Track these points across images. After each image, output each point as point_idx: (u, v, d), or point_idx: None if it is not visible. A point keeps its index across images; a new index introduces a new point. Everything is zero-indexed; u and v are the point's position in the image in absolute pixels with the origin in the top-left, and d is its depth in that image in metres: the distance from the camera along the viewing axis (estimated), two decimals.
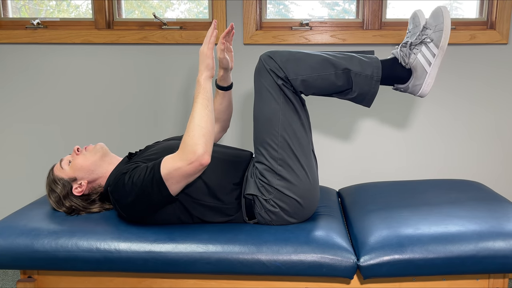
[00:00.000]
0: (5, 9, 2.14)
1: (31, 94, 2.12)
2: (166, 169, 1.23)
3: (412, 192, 1.59)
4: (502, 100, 2.01)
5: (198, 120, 1.24)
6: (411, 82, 1.38)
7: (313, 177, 1.37)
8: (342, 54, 1.37)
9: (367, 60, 1.35)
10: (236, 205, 1.38)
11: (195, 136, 1.22)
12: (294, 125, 1.35)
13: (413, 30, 1.41)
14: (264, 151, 1.35)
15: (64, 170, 1.45)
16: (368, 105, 1.39)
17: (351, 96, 1.37)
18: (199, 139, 1.21)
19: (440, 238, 1.24)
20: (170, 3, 2.13)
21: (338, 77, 1.33)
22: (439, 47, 1.35)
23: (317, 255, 1.23)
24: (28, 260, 1.29)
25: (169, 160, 1.24)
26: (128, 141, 2.13)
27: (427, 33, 1.36)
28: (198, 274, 1.32)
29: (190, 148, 1.21)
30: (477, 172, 2.07)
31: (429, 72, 1.36)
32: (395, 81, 1.41)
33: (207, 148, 1.22)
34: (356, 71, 1.33)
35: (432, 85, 1.38)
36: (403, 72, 1.38)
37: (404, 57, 1.36)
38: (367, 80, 1.34)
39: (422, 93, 1.39)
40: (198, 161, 1.20)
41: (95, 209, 1.47)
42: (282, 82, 1.33)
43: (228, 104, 1.63)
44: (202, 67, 1.31)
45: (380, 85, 1.37)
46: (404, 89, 1.41)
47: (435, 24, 1.34)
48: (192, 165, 1.21)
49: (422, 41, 1.36)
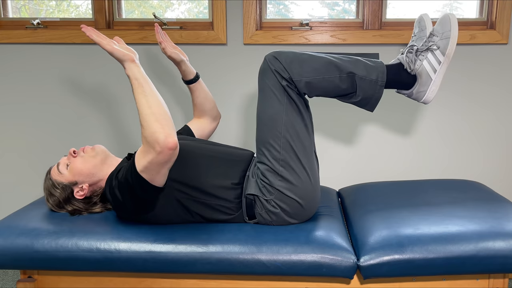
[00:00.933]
0: (5, 9, 2.14)
1: (30, 94, 2.12)
2: (140, 165, 1.22)
3: (412, 192, 1.59)
4: (502, 100, 2.01)
5: (143, 109, 1.21)
6: (415, 89, 1.38)
7: (314, 178, 1.37)
8: (348, 57, 1.37)
9: (372, 65, 1.35)
10: (237, 204, 1.38)
11: (150, 126, 1.18)
12: (297, 126, 1.34)
13: (419, 34, 1.41)
14: (266, 152, 1.35)
15: (63, 174, 1.43)
16: (371, 109, 1.39)
17: (355, 100, 1.37)
18: (154, 127, 1.18)
19: (440, 238, 1.24)
20: (170, 3, 2.13)
21: (342, 80, 1.33)
22: (445, 55, 1.34)
23: (317, 255, 1.23)
24: (28, 260, 1.28)
25: (140, 155, 1.23)
26: (127, 141, 2.13)
27: (434, 40, 1.35)
28: (198, 274, 1.32)
29: (150, 139, 1.18)
30: (477, 172, 2.07)
31: (434, 79, 1.36)
32: (400, 87, 1.40)
33: (166, 131, 1.18)
34: (361, 75, 1.33)
35: (436, 92, 1.37)
36: (408, 78, 1.38)
37: (409, 63, 1.36)
38: (371, 84, 1.34)
39: (425, 100, 1.39)
40: (164, 147, 1.17)
41: (97, 209, 1.47)
42: (287, 83, 1.32)
43: (205, 94, 1.65)
44: (120, 61, 1.29)
45: (385, 89, 1.37)
46: (408, 95, 1.41)
47: (442, 32, 1.34)
48: (161, 154, 1.18)
49: (428, 47, 1.35)
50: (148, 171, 1.22)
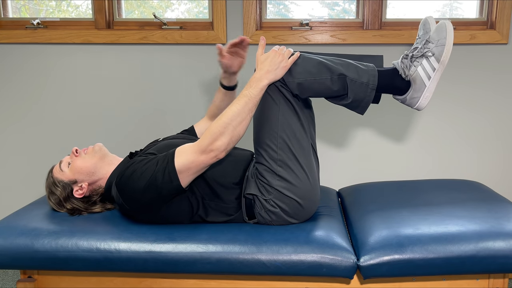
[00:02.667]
0: (5, 9, 2.14)
1: (31, 94, 2.12)
2: (182, 160, 1.26)
3: (412, 192, 1.59)
4: (502, 100, 2.01)
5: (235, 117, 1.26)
6: (409, 94, 1.38)
7: (313, 178, 1.37)
8: (340, 60, 1.37)
9: (364, 68, 1.35)
10: (236, 204, 1.38)
11: (223, 134, 1.25)
12: (293, 126, 1.35)
13: (423, 37, 1.41)
14: (264, 152, 1.35)
15: (64, 172, 1.44)
16: (362, 112, 1.39)
17: (346, 102, 1.37)
18: (225, 137, 1.25)
19: (440, 238, 1.24)
20: (170, 3, 2.13)
21: (333, 82, 1.34)
22: (440, 62, 1.34)
23: (317, 255, 1.23)
24: (28, 260, 1.28)
25: (187, 148, 1.27)
26: (127, 141, 2.13)
27: (429, 47, 1.35)
28: (198, 274, 1.32)
29: (213, 136, 1.24)
30: (477, 172, 2.07)
31: (427, 85, 1.36)
32: (393, 92, 1.41)
33: (227, 147, 1.25)
34: (351, 77, 1.33)
35: (430, 99, 1.38)
36: (401, 84, 1.38)
37: (404, 69, 1.36)
38: (362, 87, 1.34)
39: (419, 106, 1.39)
40: (214, 156, 1.25)
41: (96, 209, 1.47)
42: (280, 83, 1.33)
43: (229, 103, 1.64)
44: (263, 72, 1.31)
45: (377, 93, 1.38)
46: (401, 100, 1.41)
47: (438, 39, 1.34)
48: (207, 154, 1.24)
49: (423, 54, 1.35)
50: (185, 169, 1.26)
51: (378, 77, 1.35)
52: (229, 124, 1.25)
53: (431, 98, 1.42)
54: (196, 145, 1.26)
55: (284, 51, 1.34)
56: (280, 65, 1.31)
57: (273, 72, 1.31)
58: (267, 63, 1.31)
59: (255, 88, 1.29)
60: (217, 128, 1.25)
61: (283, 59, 1.32)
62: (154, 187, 1.27)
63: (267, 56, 1.33)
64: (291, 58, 1.33)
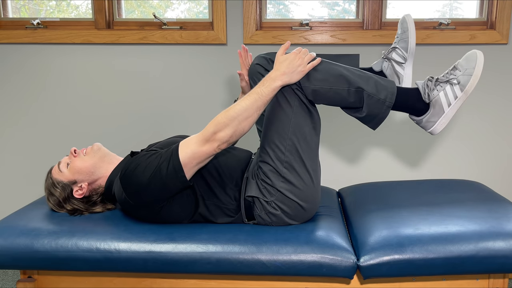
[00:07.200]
0: (5, 9, 2.14)
1: (31, 94, 2.12)
2: (184, 148, 1.26)
3: (412, 192, 1.59)
4: (502, 100, 2.01)
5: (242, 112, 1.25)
6: (425, 117, 1.36)
7: (317, 180, 1.37)
8: (361, 72, 1.35)
9: (384, 84, 1.33)
10: (236, 206, 1.38)
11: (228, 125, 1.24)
12: (305, 128, 1.34)
13: (401, 36, 1.39)
14: (271, 152, 1.34)
15: (63, 173, 1.44)
16: (374, 127, 1.38)
17: (360, 115, 1.36)
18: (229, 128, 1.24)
19: (440, 238, 1.24)
20: (170, 3, 2.13)
21: (350, 94, 1.32)
22: (464, 91, 1.32)
23: (317, 255, 1.23)
24: (28, 260, 1.28)
25: (190, 138, 1.28)
26: (127, 141, 2.13)
27: (456, 74, 1.33)
28: (198, 274, 1.32)
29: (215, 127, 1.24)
30: (477, 172, 2.07)
31: (446, 112, 1.34)
32: (410, 112, 1.39)
33: (229, 139, 1.25)
34: (369, 92, 1.31)
35: (445, 125, 1.35)
36: (419, 105, 1.36)
37: (429, 92, 1.34)
38: (378, 103, 1.32)
39: (433, 131, 1.37)
40: (217, 147, 1.24)
41: (97, 209, 1.47)
42: (296, 87, 1.32)
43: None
44: (279, 73, 1.29)
45: (392, 110, 1.36)
46: (417, 121, 1.40)
47: (466, 68, 1.32)
48: (211, 144, 1.24)
49: (448, 80, 1.33)
50: (186, 154, 1.25)
51: (396, 95, 1.33)
52: (235, 118, 1.24)
53: (446, 124, 1.40)
54: (201, 134, 1.26)
55: (306, 55, 1.31)
56: (298, 69, 1.29)
57: (289, 74, 1.29)
58: (284, 65, 1.29)
59: (268, 88, 1.28)
60: (222, 119, 1.24)
61: (302, 63, 1.30)
62: (159, 180, 1.26)
63: (286, 58, 1.30)
64: (310, 64, 1.31)
